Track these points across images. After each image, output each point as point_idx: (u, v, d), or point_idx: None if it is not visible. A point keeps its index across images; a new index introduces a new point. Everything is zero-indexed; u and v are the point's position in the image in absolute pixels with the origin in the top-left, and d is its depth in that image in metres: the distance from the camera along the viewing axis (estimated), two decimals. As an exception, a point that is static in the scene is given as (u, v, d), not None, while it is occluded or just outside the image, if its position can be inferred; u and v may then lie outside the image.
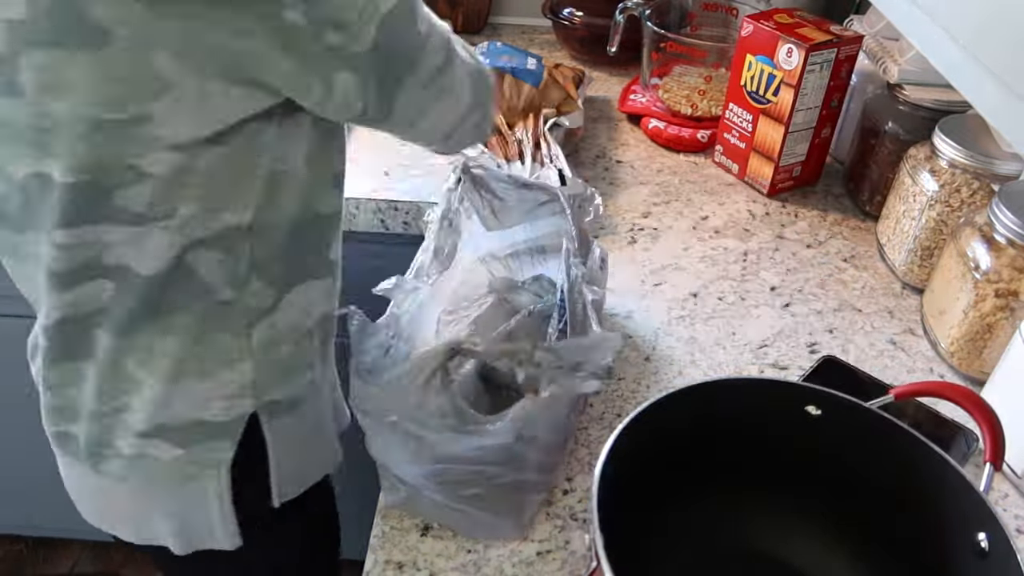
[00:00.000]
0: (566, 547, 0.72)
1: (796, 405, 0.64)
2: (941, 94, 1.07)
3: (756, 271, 1.06)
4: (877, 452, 0.62)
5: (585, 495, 0.76)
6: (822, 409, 0.63)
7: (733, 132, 1.22)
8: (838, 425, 0.63)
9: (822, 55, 1.08)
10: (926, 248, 0.99)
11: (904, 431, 0.61)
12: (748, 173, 1.22)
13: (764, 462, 0.65)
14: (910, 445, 0.61)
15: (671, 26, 1.37)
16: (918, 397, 0.73)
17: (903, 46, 1.11)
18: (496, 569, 0.70)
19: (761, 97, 1.15)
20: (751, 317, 0.98)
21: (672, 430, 0.61)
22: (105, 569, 1.79)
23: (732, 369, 0.91)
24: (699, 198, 1.20)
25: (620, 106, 1.39)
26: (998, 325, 0.85)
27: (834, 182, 1.25)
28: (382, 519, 0.74)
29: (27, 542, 1.83)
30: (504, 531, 0.72)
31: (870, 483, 0.63)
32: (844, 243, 1.12)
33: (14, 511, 1.70)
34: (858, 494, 0.64)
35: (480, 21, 1.65)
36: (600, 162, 1.26)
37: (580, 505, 0.75)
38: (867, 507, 0.63)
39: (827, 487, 0.65)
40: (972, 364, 0.89)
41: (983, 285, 0.84)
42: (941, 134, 0.95)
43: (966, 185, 0.94)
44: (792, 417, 0.64)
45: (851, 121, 1.23)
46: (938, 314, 0.92)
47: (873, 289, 1.04)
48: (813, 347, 0.94)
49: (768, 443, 0.64)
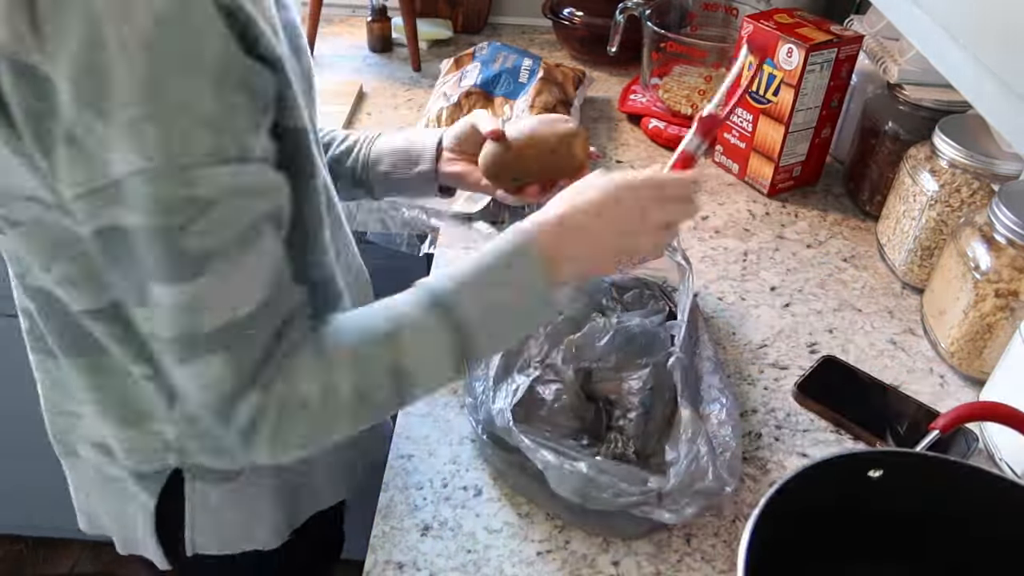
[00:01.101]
0: (566, 547, 0.72)
1: (860, 470, 0.63)
2: (941, 94, 1.07)
3: (756, 271, 1.06)
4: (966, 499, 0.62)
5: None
6: (883, 469, 0.63)
7: (733, 132, 1.22)
8: (902, 480, 0.63)
9: (822, 55, 1.08)
10: (926, 248, 0.99)
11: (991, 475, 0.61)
12: (748, 173, 1.22)
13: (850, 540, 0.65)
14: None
15: (671, 26, 1.37)
16: (964, 424, 0.71)
17: (903, 46, 1.11)
18: (496, 569, 0.70)
19: (761, 97, 1.15)
20: (751, 317, 0.98)
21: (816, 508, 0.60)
22: (105, 569, 1.79)
23: (732, 368, 0.91)
24: (699, 198, 1.20)
25: (620, 106, 1.39)
26: (998, 325, 0.85)
27: (834, 182, 1.25)
28: (382, 519, 0.74)
29: (27, 542, 1.83)
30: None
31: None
32: (844, 243, 1.12)
33: (14, 511, 1.70)
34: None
35: (480, 21, 1.65)
36: (600, 162, 1.26)
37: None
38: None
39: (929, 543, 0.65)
40: (972, 364, 0.89)
41: (983, 285, 0.84)
42: (941, 134, 0.95)
43: (966, 185, 0.94)
44: (856, 481, 0.63)
45: (851, 121, 1.23)
46: (938, 314, 0.92)
47: (873, 289, 1.04)
48: (813, 347, 0.94)
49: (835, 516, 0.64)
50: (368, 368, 0.59)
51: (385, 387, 0.60)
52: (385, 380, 0.60)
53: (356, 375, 0.59)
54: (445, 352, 0.61)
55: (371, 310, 0.62)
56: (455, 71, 1.31)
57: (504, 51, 1.31)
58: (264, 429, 0.56)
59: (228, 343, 0.54)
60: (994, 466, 0.80)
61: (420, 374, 0.61)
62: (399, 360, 0.60)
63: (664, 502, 0.68)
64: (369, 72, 1.50)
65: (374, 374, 0.59)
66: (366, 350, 0.59)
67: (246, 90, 0.51)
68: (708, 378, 0.84)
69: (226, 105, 0.49)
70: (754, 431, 0.84)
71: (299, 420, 0.57)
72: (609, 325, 0.85)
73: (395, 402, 0.62)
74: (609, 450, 0.77)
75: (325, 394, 0.57)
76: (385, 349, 0.60)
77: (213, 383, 0.55)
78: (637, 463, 0.76)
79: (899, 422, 0.84)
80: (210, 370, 0.54)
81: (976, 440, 0.81)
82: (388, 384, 0.60)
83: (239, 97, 0.50)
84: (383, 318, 0.61)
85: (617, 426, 0.79)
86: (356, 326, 0.61)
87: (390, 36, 1.57)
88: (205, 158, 0.49)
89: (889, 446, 0.81)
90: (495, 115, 1.18)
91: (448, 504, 0.75)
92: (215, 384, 0.55)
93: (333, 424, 0.59)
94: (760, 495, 0.59)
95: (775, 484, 0.58)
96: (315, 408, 0.57)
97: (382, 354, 0.60)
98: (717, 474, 0.69)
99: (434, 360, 0.61)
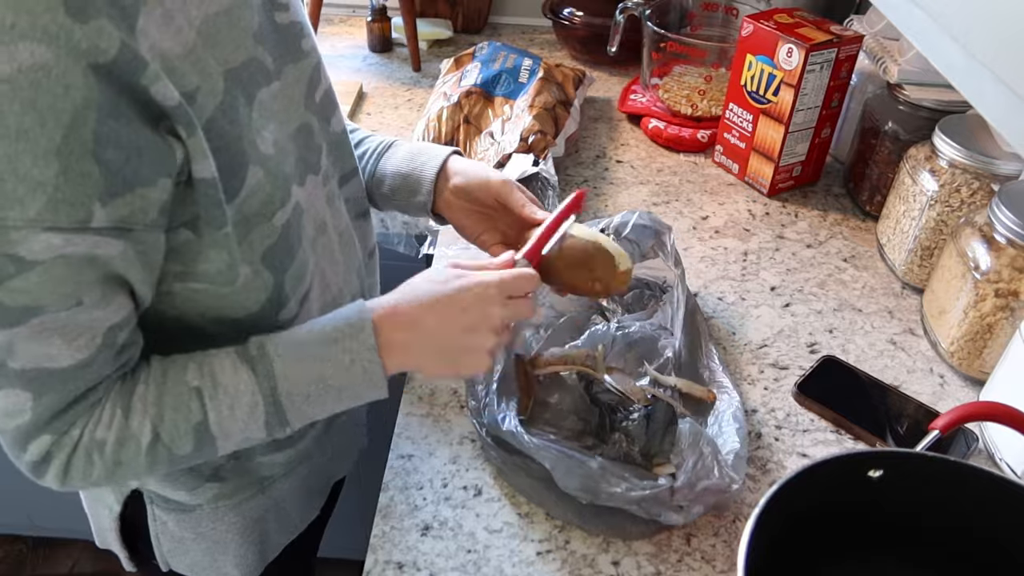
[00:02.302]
0: (566, 547, 0.72)
1: (860, 470, 0.63)
2: (941, 94, 1.07)
3: (756, 271, 1.06)
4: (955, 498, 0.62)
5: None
6: (883, 469, 0.62)
7: (733, 132, 1.22)
8: (903, 481, 0.63)
9: (822, 55, 1.08)
10: (926, 248, 0.99)
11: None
12: (748, 173, 1.22)
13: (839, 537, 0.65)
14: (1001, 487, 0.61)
15: (671, 26, 1.37)
16: (964, 424, 0.71)
17: (903, 46, 1.11)
18: (496, 569, 0.70)
19: (761, 97, 1.15)
20: (751, 317, 0.98)
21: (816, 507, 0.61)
22: (105, 569, 1.79)
23: (732, 368, 0.91)
24: (699, 198, 1.20)
25: (620, 106, 1.39)
26: (998, 325, 0.85)
27: (834, 182, 1.25)
28: (382, 519, 0.74)
29: (27, 542, 1.83)
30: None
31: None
32: (844, 243, 1.12)
33: (14, 511, 1.70)
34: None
35: (480, 21, 1.65)
36: (600, 162, 1.26)
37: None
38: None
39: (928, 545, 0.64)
40: (972, 364, 0.89)
41: (983, 285, 0.84)
42: (941, 134, 0.95)
43: (966, 185, 0.94)
44: (856, 481, 0.63)
45: (851, 121, 1.23)
46: (938, 314, 0.92)
47: (873, 289, 1.04)
48: (813, 347, 0.94)
49: (835, 515, 0.64)
50: (171, 421, 0.59)
51: (187, 442, 0.60)
52: (188, 436, 0.59)
53: (157, 427, 0.59)
54: (253, 415, 0.61)
55: (185, 360, 0.61)
56: (455, 71, 1.31)
57: (504, 51, 1.31)
58: (53, 466, 0.58)
59: (31, 386, 0.54)
60: (994, 466, 0.80)
61: (225, 434, 0.61)
62: (205, 417, 0.59)
63: (675, 498, 0.68)
64: (369, 72, 1.50)
65: (177, 428, 0.59)
66: (172, 403, 0.59)
67: (105, 160, 0.48)
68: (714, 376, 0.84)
69: (71, 174, 0.47)
70: (754, 431, 0.84)
71: (90, 463, 0.58)
72: (609, 331, 0.86)
73: (197, 456, 0.61)
74: (614, 451, 0.77)
75: (121, 443, 0.58)
76: (192, 404, 0.59)
77: (8, 414, 0.55)
78: (641, 464, 0.76)
79: (899, 422, 0.84)
80: (7, 403, 0.55)
81: (976, 440, 0.81)
82: (191, 439, 0.60)
83: (90, 166, 0.48)
84: (195, 371, 0.60)
85: (621, 428, 0.79)
86: (167, 376, 0.60)
87: (390, 36, 1.57)
88: (30, 223, 0.48)
89: (889, 446, 0.81)
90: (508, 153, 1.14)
91: (448, 504, 0.75)
92: (9, 416, 0.55)
93: (127, 470, 0.59)
94: (760, 495, 0.59)
95: (775, 484, 0.58)
96: (109, 454, 0.58)
97: (188, 410, 0.59)
98: (723, 472, 0.69)
99: (241, 421, 0.61)
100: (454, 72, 1.31)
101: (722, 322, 0.97)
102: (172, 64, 0.52)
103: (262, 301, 0.64)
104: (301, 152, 0.66)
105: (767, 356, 0.93)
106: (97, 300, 0.53)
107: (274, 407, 0.61)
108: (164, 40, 0.51)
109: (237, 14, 0.58)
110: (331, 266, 0.73)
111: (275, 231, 0.62)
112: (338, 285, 0.75)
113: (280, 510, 0.81)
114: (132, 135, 0.50)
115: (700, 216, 1.16)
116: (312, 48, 0.69)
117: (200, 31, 0.55)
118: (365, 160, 0.84)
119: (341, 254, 0.75)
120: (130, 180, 0.50)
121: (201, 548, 0.78)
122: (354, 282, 0.78)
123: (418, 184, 0.80)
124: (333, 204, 0.73)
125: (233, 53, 0.57)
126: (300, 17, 0.68)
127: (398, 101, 1.41)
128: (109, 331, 0.55)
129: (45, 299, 0.51)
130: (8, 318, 0.51)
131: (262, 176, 0.59)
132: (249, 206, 0.59)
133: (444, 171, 0.80)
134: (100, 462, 0.58)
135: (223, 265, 0.59)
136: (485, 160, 1.13)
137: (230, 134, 0.56)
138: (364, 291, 0.82)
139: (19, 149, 0.46)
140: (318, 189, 0.69)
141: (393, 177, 0.82)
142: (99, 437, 0.58)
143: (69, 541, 1.81)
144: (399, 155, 0.83)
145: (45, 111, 0.46)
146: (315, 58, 0.69)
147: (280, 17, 0.65)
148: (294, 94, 0.66)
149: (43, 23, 0.45)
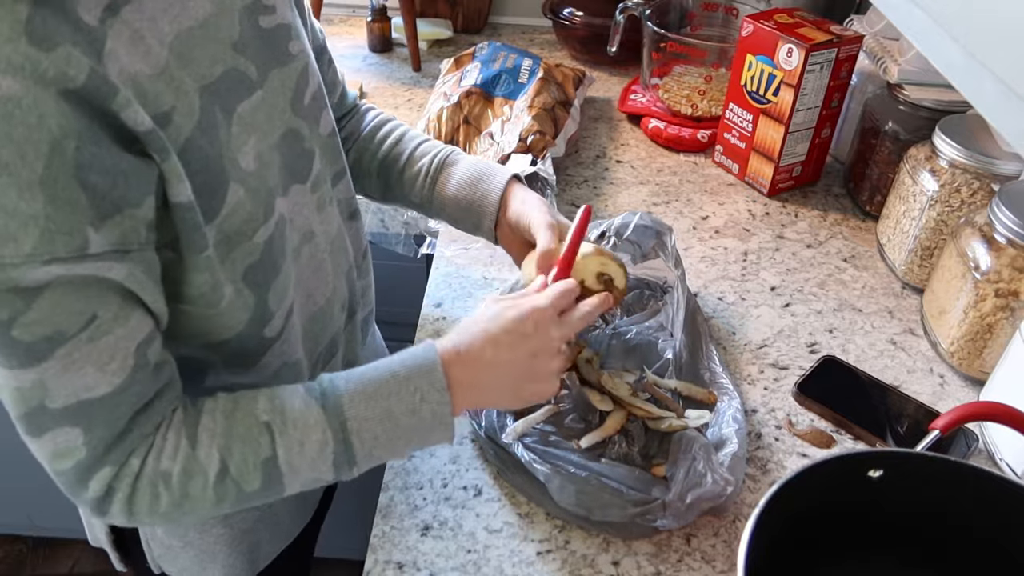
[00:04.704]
0: (566, 547, 0.72)
1: (861, 470, 0.62)
2: (941, 94, 1.07)
3: (756, 271, 1.06)
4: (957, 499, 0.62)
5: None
6: (883, 469, 0.62)
7: (733, 132, 1.22)
8: (903, 481, 0.62)
9: (822, 55, 1.08)
10: (926, 248, 0.99)
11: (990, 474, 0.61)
12: (748, 173, 1.22)
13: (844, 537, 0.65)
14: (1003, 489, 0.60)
15: (671, 26, 1.37)
16: (964, 424, 0.71)
17: (903, 46, 1.11)
18: (496, 569, 0.70)
19: (761, 97, 1.15)
20: (751, 317, 0.98)
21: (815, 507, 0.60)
22: (105, 569, 1.79)
23: (732, 368, 0.91)
24: (699, 198, 1.20)
25: (620, 106, 1.39)
26: (998, 325, 0.85)
27: (834, 182, 1.25)
28: (382, 519, 0.74)
29: (27, 542, 1.83)
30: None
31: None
32: (844, 243, 1.12)
33: (14, 511, 1.70)
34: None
35: (480, 21, 1.65)
36: (600, 162, 1.26)
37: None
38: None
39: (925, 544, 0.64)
40: (972, 364, 0.89)
41: (983, 285, 0.84)
42: (941, 134, 0.95)
43: (966, 185, 0.94)
44: (856, 481, 0.62)
45: (851, 121, 1.23)
46: (938, 314, 0.92)
47: (873, 289, 1.04)
48: (813, 347, 0.94)
49: (837, 514, 0.63)
50: (240, 455, 0.58)
51: (256, 478, 0.59)
52: (256, 471, 0.59)
53: (226, 460, 0.58)
54: (322, 453, 0.60)
55: (255, 393, 0.61)
56: (455, 71, 1.31)
57: (504, 51, 1.31)
58: (117, 499, 0.57)
59: (78, 420, 0.53)
60: (994, 466, 0.79)
61: (293, 470, 0.60)
62: (274, 453, 0.59)
63: (668, 511, 0.69)
64: (369, 72, 1.50)
65: (246, 462, 0.58)
66: (241, 436, 0.58)
67: (91, 185, 0.48)
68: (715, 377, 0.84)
69: (59, 203, 0.47)
70: (754, 431, 0.84)
71: (156, 495, 0.57)
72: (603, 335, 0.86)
73: (264, 494, 0.60)
74: (614, 452, 0.77)
75: (187, 475, 0.57)
76: (261, 439, 0.58)
77: (63, 455, 0.55)
78: (641, 464, 0.76)
79: (899, 422, 0.84)
80: (59, 444, 0.54)
81: (976, 440, 0.81)
82: (259, 475, 0.59)
83: (76, 193, 0.47)
84: (265, 407, 0.59)
85: (621, 428, 0.79)
86: (237, 407, 0.59)
87: (390, 36, 1.57)
88: (28, 258, 0.47)
89: (889, 446, 0.81)
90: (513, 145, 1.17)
91: (448, 504, 0.75)
92: (65, 456, 0.55)
93: (195, 505, 0.58)
94: (760, 495, 0.59)
95: (775, 484, 0.58)
96: (176, 485, 0.57)
97: (257, 444, 0.58)
98: (717, 477, 0.70)
99: (310, 459, 0.60)
100: (454, 72, 1.31)
101: (722, 322, 0.97)
102: (143, 87, 0.51)
103: (245, 320, 0.63)
104: (286, 160, 0.65)
105: (767, 356, 0.93)
106: (114, 315, 0.53)
107: (343, 444, 0.60)
108: (134, 63, 0.51)
109: (214, 25, 0.57)
110: (316, 275, 0.72)
111: (257, 248, 0.61)
112: (324, 295, 0.75)
113: (272, 518, 0.81)
114: (113, 158, 0.49)
115: (700, 216, 1.16)
116: (300, 50, 0.68)
117: (173, 48, 0.54)
118: (421, 179, 0.84)
119: (329, 259, 0.74)
120: (118, 202, 0.50)
121: (189, 556, 0.78)
122: (343, 288, 0.78)
123: (479, 219, 0.82)
124: (324, 209, 0.72)
125: (210, 68, 0.56)
126: (287, 19, 0.66)
127: (398, 101, 1.41)
128: (137, 349, 0.55)
129: (62, 322, 0.50)
130: (34, 355, 0.50)
131: (243, 194, 0.59)
132: (230, 225, 0.58)
133: (504, 202, 0.81)
134: (167, 494, 0.57)
135: (206, 288, 0.58)
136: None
137: (209, 154, 0.56)
138: (356, 294, 0.82)
139: (2, 184, 0.45)
140: (305, 197, 0.69)
141: (453, 208, 0.83)
142: (164, 468, 0.57)
143: (69, 541, 1.81)
144: (457, 178, 0.83)
145: (23, 143, 0.45)
146: (303, 60, 0.68)
147: (265, 21, 0.63)
148: (279, 101, 0.65)
149: (5, 54, 0.44)
